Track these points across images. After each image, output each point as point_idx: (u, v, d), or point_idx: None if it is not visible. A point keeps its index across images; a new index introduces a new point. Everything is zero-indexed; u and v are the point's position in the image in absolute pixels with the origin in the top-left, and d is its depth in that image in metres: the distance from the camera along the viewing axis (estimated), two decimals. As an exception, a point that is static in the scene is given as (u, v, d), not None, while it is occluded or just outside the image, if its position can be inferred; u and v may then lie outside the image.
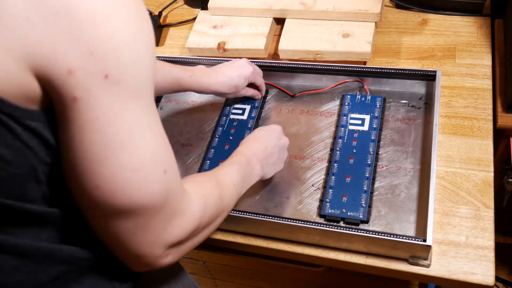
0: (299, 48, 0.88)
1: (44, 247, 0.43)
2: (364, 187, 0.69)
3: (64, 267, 0.45)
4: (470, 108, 0.77)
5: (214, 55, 0.94)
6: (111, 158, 0.38)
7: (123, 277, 0.52)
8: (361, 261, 0.66)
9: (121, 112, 0.38)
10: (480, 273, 0.61)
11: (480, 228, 0.65)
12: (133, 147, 0.39)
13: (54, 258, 0.44)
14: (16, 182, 0.39)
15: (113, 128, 0.38)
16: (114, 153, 0.38)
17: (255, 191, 0.74)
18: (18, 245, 0.41)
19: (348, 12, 0.87)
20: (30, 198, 0.41)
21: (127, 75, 0.38)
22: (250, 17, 0.96)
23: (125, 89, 0.38)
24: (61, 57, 0.35)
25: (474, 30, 0.88)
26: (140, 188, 0.40)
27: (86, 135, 0.38)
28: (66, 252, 0.45)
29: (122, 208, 0.40)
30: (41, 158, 0.40)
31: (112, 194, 0.39)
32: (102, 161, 0.38)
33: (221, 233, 0.73)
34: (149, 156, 0.41)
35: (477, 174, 0.70)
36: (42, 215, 0.43)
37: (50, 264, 0.44)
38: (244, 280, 1.50)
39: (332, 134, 0.78)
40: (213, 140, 0.81)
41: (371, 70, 0.80)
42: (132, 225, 0.42)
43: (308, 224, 0.64)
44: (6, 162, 0.37)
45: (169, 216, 0.44)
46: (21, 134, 0.38)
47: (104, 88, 0.37)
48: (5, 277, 0.41)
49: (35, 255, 0.43)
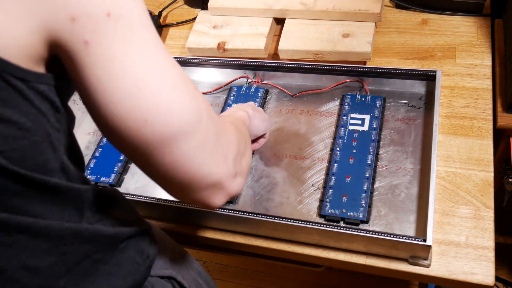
0: (299, 48, 0.88)
1: (71, 227, 0.43)
2: (364, 187, 0.69)
3: (89, 246, 0.46)
4: (470, 108, 0.77)
5: (214, 55, 0.94)
6: (146, 86, 0.38)
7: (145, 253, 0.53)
8: (361, 261, 0.66)
9: (136, 42, 0.38)
10: (480, 273, 0.61)
11: (480, 228, 0.65)
12: (161, 69, 0.39)
13: (81, 239, 0.44)
14: (38, 151, 0.39)
15: (135, 57, 0.38)
16: (146, 81, 0.38)
17: (255, 191, 0.74)
18: (48, 227, 0.41)
19: (348, 12, 0.87)
20: (51, 169, 0.41)
21: (126, 9, 0.38)
22: (250, 17, 0.96)
23: (130, 22, 0.38)
24: (61, 7, 0.36)
25: (474, 30, 0.88)
26: (184, 105, 0.40)
27: (112, 73, 0.37)
28: (91, 231, 0.45)
29: (178, 131, 0.40)
30: (53, 123, 0.40)
31: (164, 121, 0.39)
32: (139, 93, 0.38)
33: (221, 233, 0.73)
34: (178, 76, 0.41)
35: (477, 174, 0.70)
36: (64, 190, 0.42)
37: (78, 245, 0.44)
38: (244, 280, 1.50)
39: (332, 134, 0.78)
40: (213, 140, 0.81)
41: (371, 70, 0.80)
42: (195, 144, 0.41)
43: (308, 224, 0.64)
44: (26, 130, 0.37)
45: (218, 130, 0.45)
46: (34, 99, 0.38)
47: (110, 25, 0.37)
48: (40, 260, 0.42)
49: (64, 237, 0.43)
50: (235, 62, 0.87)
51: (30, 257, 0.41)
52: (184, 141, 0.41)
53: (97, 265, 0.47)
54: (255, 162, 0.78)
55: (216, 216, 0.70)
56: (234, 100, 0.86)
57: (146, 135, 0.39)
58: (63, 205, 0.43)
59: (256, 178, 0.76)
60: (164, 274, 0.58)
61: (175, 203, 0.70)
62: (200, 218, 0.73)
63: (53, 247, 0.42)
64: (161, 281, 0.57)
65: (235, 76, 0.89)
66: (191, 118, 0.41)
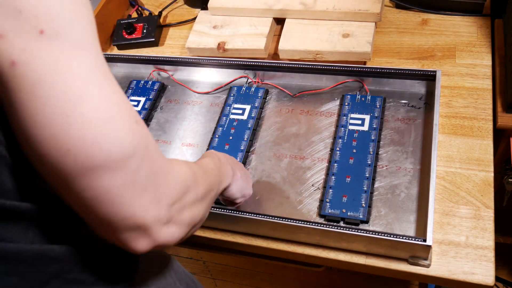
0: (299, 48, 0.88)
1: (33, 249, 0.41)
2: (364, 187, 0.69)
3: (57, 266, 0.44)
4: (470, 108, 0.77)
5: (214, 55, 0.94)
6: (74, 114, 0.35)
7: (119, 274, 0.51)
8: (361, 261, 0.66)
9: (69, 65, 0.35)
10: (480, 273, 0.61)
11: (480, 228, 0.65)
12: (94, 98, 0.36)
13: (47, 259, 0.43)
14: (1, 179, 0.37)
15: (65, 82, 0.34)
16: (75, 109, 0.35)
17: (255, 191, 0.74)
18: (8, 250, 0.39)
19: (348, 12, 0.87)
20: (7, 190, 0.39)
21: (64, 27, 0.35)
22: (250, 17, 0.96)
23: (67, 41, 0.35)
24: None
25: (474, 30, 0.88)
26: (116, 139, 0.37)
27: (38, 99, 0.34)
28: (59, 251, 0.43)
29: (101, 164, 0.36)
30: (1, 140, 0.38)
31: (88, 154, 0.35)
32: (65, 121, 0.34)
33: (221, 233, 0.73)
34: (115, 106, 0.37)
35: (477, 174, 0.70)
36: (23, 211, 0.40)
37: (44, 265, 0.43)
38: (244, 280, 1.50)
39: (332, 134, 0.78)
40: (213, 140, 0.81)
41: (371, 70, 0.80)
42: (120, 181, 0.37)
43: (308, 224, 0.64)
44: None
45: (155, 169, 0.40)
46: None
47: (42, 44, 0.34)
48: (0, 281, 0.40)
49: (26, 259, 0.41)
50: (235, 62, 0.87)
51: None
52: (109, 176, 0.37)
53: (70, 285, 0.45)
54: (255, 162, 0.78)
55: (216, 216, 0.70)
56: (234, 100, 0.86)
57: (66, 165, 0.35)
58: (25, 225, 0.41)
59: (256, 178, 0.76)
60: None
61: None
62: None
63: (14, 269, 0.40)
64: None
65: (235, 76, 0.89)
66: (120, 154, 0.37)
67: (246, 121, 0.82)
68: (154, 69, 0.95)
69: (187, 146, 0.83)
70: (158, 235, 0.41)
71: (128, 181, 0.38)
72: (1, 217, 0.39)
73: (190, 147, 0.83)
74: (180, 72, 0.94)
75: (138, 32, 1.05)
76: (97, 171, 0.36)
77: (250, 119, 0.82)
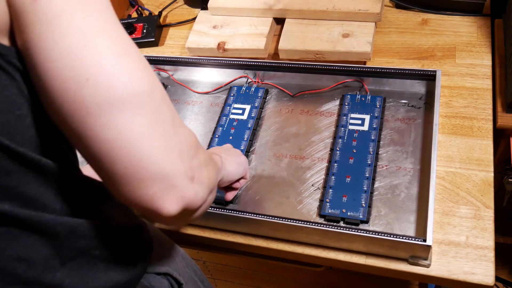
0: (299, 48, 0.88)
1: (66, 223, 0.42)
2: (364, 187, 0.69)
3: (86, 242, 0.45)
4: (470, 108, 0.77)
5: (214, 55, 0.94)
6: (92, 44, 0.34)
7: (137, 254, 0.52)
8: (361, 261, 0.66)
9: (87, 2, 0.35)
10: (480, 273, 0.61)
11: (480, 228, 0.65)
12: (111, 33, 0.36)
13: (78, 234, 0.44)
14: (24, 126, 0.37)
15: (83, 17, 0.35)
16: (93, 40, 0.35)
17: (255, 191, 0.74)
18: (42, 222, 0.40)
19: (348, 12, 0.87)
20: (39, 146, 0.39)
21: None
22: (250, 17, 0.96)
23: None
24: None
25: (474, 30, 0.88)
26: (134, 72, 0.36)
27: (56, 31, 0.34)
28: (87, 227, 0.44)
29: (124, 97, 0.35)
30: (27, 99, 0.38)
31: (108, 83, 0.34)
32: (83, 50, 0.34)
33: (221, 233, 0.73)
34: (130, 44, 0.37)
35: (477, 174, 0.70)
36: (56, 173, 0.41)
37: (74, 241, 0.44)
38: (244, 280, 1.50)
39: (332, 134, 0.78)
40: (213, 140, 0.81)
41: (371, 70, 0.80)
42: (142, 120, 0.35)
43: (308, 224, 0.64)
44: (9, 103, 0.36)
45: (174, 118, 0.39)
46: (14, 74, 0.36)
47: None
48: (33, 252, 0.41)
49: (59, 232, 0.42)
50: (235, 62, 0.87)
51: (23, 248, 0.40)
52: (130, 113, 0.35)
53: (95, 260, 0.46)
54: (255, 162, 0.78)
55: (216, 216, 0.70)
56: (234, 100, 0.86)
57: (86, 97, 0.34)
58: (56, 191, 0.42)
59: (256, 178, 0.76)
60: (160, 271, 0.58)
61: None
62: (200, 218, 0.73)
63: (47, 241, 0.41)
64: (158, 278, 0.57)
65: (235, 76, 0.89)
66: (142, 88, 0.36)
67: (246, 121, 0.82)
68: (154, 69, 0.95)
69: (187, 146, 0.83)
70: (187, 191, 0.38)
71: (150, 121, 0.36)
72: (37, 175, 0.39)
73: (190, 147, 0.83)
74: (180, 72, 0.94)
75: (138, 32, 1.05)
76: (117, 104, 0.34)
77: (250, 119, 0.82)
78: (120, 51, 0.36)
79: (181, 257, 0.67)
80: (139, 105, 0.35)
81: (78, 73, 0.34)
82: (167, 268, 0.59)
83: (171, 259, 0.62)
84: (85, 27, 0.35)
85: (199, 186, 0.40)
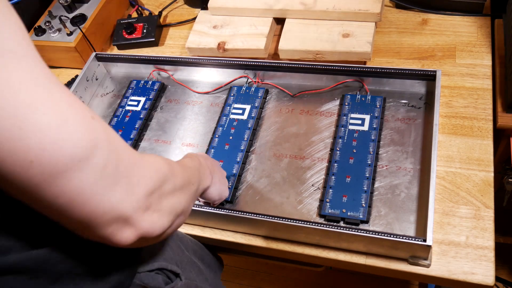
0: (299, 48, 0.88)
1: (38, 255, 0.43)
2: (364, 187, 0.69)
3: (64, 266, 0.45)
4: (470, 108, 0.77)
5: (214, 55, 0.94)
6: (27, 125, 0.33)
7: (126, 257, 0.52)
8: (361, 261, 0.66)
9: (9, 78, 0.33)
10: (480, 273, 0.61)
11: (480, 228, 0.65)
12: (44, 104, 0.35)
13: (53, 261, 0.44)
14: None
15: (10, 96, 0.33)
16: (27, 120, 0.33)
17: (255, 191, 0.74)
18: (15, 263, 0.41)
19: (348, 12, 0.87)
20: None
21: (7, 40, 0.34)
22: (250, 17, 0.96)
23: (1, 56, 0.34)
24: None
25: (474, 30, 0.88)
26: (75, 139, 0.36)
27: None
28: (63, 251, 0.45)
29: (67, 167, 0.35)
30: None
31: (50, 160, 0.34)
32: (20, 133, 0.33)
33: (221, 233, 0.73)
34: (68, 107, 0.36)
35: (477, 174, 0.70)
36: None
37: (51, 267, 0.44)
38: (244, 280, 1.50)
39: (332, 134, 0.78)
40: (213, 140, 0.81)
41: (371, 70, 0.80)
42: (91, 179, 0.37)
43: (308, 224, 0.64)
44: None
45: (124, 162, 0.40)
46: None
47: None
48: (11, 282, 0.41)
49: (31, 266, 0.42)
50: (235, 62, 0.87)
51: None
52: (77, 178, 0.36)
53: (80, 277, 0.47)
54: (255, 162, 0.78)
55: (216, 216, 0.70)
56: (234, 100, 0.86)
57: (34, 177, 0.35)
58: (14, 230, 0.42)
59: (256, 178, 0.76)
60: (153, 268, 0.58)
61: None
62: (200, 218, 0.73)
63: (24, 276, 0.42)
64: (151, 275, 0.57)
65: (235, 76, 0.89)
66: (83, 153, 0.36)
67: (246, 121, 0.82)
68: (154, 69, 0.95)
69: (187, 146, 0.83)
70: (140, 223, 0.41)
71: (99, 177, 0.37)
72: None
73: (190, 147, 0.83)
74: (180, 72, 0.94)
75: (138, 32, 1.05)
76: (65, 174, 0.35)
77: (250, 119, 0.82)
78: (57, 120, 0.35)
79: (179, 241, 0.66)
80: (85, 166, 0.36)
81: (22, 157, 0.34)
82: (161, 263, 0.59)
83: (165, 249, 0.62)
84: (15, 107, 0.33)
85: (157, 214, 0.42)
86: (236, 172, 0.76)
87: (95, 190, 0.37)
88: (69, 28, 1.01)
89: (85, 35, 1.01)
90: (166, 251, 0.62)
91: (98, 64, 0.98)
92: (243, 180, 0.76)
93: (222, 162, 0.77)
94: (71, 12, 1.06)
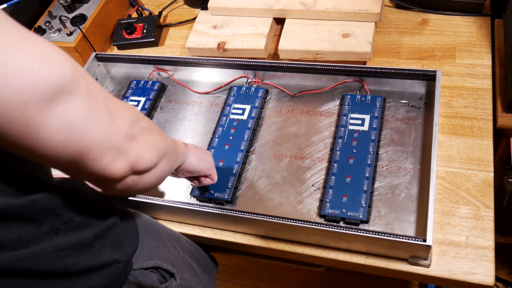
0: (299, 48, 0.88)
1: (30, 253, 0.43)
2: (364, 187, 0.69)
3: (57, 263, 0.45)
4: (470, 108, 0.77)
5: (214, 55, 0.94)
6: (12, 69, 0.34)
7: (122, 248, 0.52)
8: (361, 261, 0.66)
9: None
10: (480, 273, 0.61)
11: (480, 228, 0.65)
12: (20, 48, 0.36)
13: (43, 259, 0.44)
14: None
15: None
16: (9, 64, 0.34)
17: (255, 191, 0.74)
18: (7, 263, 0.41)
19: (348, 12, 0.87)
20: None
21: None
22: (250, 17, 0.96)
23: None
24: None
25: (474, 30, 0.88)
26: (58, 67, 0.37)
27: None
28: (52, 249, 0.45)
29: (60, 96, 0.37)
30: None
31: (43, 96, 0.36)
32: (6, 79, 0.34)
33: (221, 233, 0.73)
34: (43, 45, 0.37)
35: (477, 174, 0.70)
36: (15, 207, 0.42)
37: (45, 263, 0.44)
38: (244, 280, 1.50)
39: (332, 134, 0.78)
40: (213, 140, 0.81)
41: (371, 70, 0.80)
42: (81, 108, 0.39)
43: (308, 224, 0.64)
44: None
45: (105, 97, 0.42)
46: None
47: None
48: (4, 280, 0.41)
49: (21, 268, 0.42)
50: (235, 62, 0.87)
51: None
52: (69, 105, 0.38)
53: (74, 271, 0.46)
54: (255, 162, 0.78)
55: (216, 216, 0.70)
56: (234, 100, 0.86)
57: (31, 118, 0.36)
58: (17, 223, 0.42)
59: (256, 178, 0.76)
60: (148, 266, 0.58)
61: (176, 203, 0.70)
62: (200, 218, 0.73)
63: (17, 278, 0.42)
64: (146, 273, 0.57)
65: (235, 76, 0.89)
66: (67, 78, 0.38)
67: (246, 121, 0.82)
68: (154, 69, 0.95)
69: (187, 146, 0.84)
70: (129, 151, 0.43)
71: (87, 107, 0.39)
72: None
73: (190, 147, 0.83)
74: (180, 72, 0.94)
75: (138, 32, 1.06)
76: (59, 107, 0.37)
77: (250, 119, 0.82)
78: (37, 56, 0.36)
79: (175, 242, 0.66)
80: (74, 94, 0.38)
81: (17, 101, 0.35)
82: (156, 261, 0.59)
83: (161, 248, 0.62)
84: None
85: (142, 146, 0.45)
86: (236, 172, 0.76)
87: (88, 120, 0.39)
88: (69, 28, 1.01)
89: (85, 35, 1.01)
90: (162, 250, 0.62)
91: (98, 64, 0.98)
92: (243, 180, 0.76)
93: (222, 162, 0.77)
94: (71, 12, 1.06)
